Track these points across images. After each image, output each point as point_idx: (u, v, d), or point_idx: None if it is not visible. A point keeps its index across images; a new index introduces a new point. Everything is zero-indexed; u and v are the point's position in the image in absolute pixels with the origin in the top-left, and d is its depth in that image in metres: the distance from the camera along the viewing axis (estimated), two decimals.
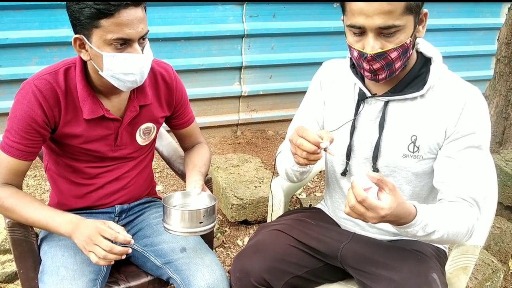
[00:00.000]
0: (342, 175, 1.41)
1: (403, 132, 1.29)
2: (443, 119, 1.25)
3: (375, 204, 1.01)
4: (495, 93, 2.79)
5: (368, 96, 1.31)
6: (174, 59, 3.27)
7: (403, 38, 1.15)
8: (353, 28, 1.16)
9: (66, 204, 1.47)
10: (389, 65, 1.18)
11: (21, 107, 1.26)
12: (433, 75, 1.26)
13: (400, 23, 1.13)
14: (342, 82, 1.40)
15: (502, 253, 2.33)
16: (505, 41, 2.71)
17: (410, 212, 1.08)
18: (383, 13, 1.10)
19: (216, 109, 3.67)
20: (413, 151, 1.28)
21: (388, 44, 1.15)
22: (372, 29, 1.13)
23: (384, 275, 1.29)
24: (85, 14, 1.16)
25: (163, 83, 1.47)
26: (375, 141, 1.32)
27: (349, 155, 1.37)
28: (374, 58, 1.16)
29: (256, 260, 1.37)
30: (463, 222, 1.19)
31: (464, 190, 1.23)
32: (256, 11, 3.43)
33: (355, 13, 1.14)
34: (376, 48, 1.15)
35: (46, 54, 3.04)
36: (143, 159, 1.54)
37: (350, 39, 1.20)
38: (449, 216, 1.17)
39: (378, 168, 1.33)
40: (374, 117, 1.32)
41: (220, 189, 2.65)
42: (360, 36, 1.17)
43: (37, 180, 2.99)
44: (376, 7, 1.10)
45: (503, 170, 2.43)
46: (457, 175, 1.23)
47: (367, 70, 1.20)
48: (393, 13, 1.11)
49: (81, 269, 1.32)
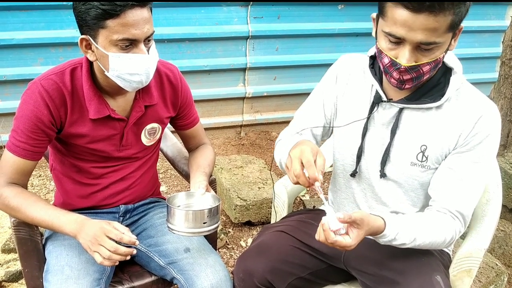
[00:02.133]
0: (352, 176, 1.40)
1: (414, 140, 1.28)
2: (455, 131, 1.23)
3: (344, 244, 1.12)
4: (500, 96, 2.79)
5: (384, 100, 1.30)
6: (178, 60, 3.29)
7: (438, 54, 1.13)
8: (391, 37, 1.12)
9: (71, 204, 1.48)
10: (419, 77, 1.16)
11: (28, 107, 1.27)
12: (452, 87, 1.23)
13: (441, 40, 1.10)
14: (359, 80, 1.37)
15: (506, 256, 2.33)
16: (510, 43, 2.70)
17: (379, 227, 1.17)
18: (427, 29, 1.06)
19: (220, 110, 3.68)
20: (421, 160, 1.28)
21: (423, 58, 1.12)
22: (412, 42, 1.09)
23: (388, 277, 1.29)
24: (91, 14, 1.16)
25: (169, 84, 1.47)
26: (386, 146, 1.31)
27: (359, 157, 1.36)
28: (407, 70, 1.13)
29: (259, 261, 1.37)
30: (439, 233, 1.23)
31: (454, 203, 1.25)
32: (261, 12, 3.44)
33: (398, 22, 1.08)
34: (411, 61, 1.12)
35: (52, 54, 3.06)
36: (148, 159, 1.55)
37: (383, 45, 1.15)
38: (424, 227, 1.23)
39: (385, 173, 1.33)
40: (387, 122, 1.31)
41: (224, 190, 2.66)
42: (396, 45, 1.13)
43: (41, 180, 3.00)
44: (422, 22, 1.05)
45: (507, 173, 2.43)
46: (452, 188, 1.24)
47: (396, 79, 1.18)
48: (437, 30, 1.07)
49: (86, 268, 1.33)
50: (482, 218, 1.46)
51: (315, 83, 1.49)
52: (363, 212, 1.13)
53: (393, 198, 1.35)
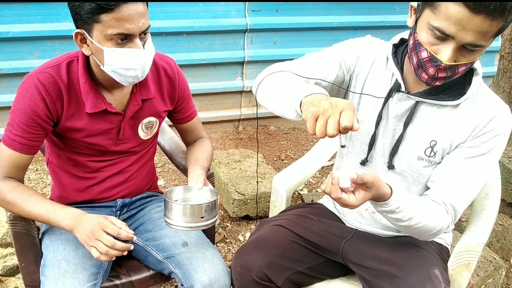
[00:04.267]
0: (362, 164, 1.38)
1: (424, 135, 1.27)
2: (467, 129, 1.23)
3: (347, 202, 1.08)
4: (499, 90, 2.79)
5: (402, 90, 1.26)
6: (176, 53, 3.27)
7: (477, 56, 1.10)
8: (438, 32, 1.06)
9: (67, 198, 1.47)
10: (452, 76, 1.14)
11: (24, 100, 1.26)
12: (473, 88, 1.22)
13: (487, 44, 1.07)
14: (381, 66, 1.32)
15: (504, 250, 2.33)
16: (509, 37, 2.70)
17: (385, 194, 1.13)
18: (480, 31, 1.02)
19: (218, 104, 3.66)
20: (429, 155, 1.27)
21: (462, 59, 1.09)
22: (460, 42, 1.05)
23: (386, 270, 1.29)
24: (86, 9, 1.15)
25: (166, 77, 1.46)
26: (397, 138, 1.30)
27: (372, 145, 1.34)
28: (445, 69, 1.10)
29: (257, 255, 1.36)
30: (433, 220, 1.22)
31: (450, 196, 1.24)
32: (259, 5, 3.42)
33: (452, 19, 1.03)
34: (452, 60, 1.08)
35: (48, 47, 3.04)
36: (145, 153, 1.54)
37: (425, 38, 1.10)
38: (423, 210, 1.21)
39: (393, 165, 1.32)
40: (401, 114, 1.28)
41: (222, 184, 2.65)
42: (440, 40, 1.08)
43: (38, 174, 2.99)
44: (477, 23, 1.01)
45: (506, 167, 2.43)
46: (451, 181, 1.24)
47: (429, 75, 1.14)
48: (487, 34, 1.04)
49: (83, 262, 1.32)
50: (481, 212, 1.47)
51: None
52: (374, 175, 1.09)
53: None
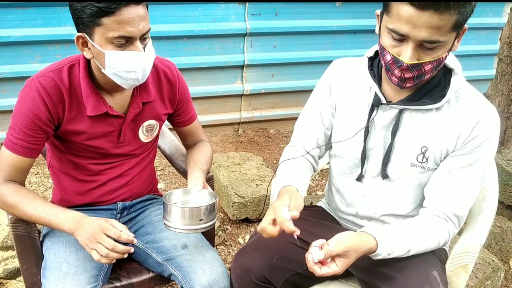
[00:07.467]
0: (358, 180, 1.39)
1: (414, 142, 1.28)
2: (455, 133, 1.24)
3: (332, 273, 1.15)
4: (497, 93, 2.80)
5: (383, 103, 1.29)
6: (176, 57, 3.28)
7: (441, 53, 1.12)
8: (394, 33, 1.11)
9: (68, 201, 1.48)
10: (420, 76, 1.16)
11: (25, 104, 1.27)
12: (453, 88, 1.23)
13: (445, 39, 1.09)
14: (355, 85, 1.36)
15: (503, 252, 2.34)
16: (507, 40, 2.71)
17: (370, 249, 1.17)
18: (431, 27, 1.06)
19: (218, 108, 3.68)
20: (421, 161, 1.28)
21: (425, 57, 1.12)
22: (415, 40, 1.09)
23: (385, 272, 1.30)
24: (87, 12, 1.16)
25: (166, 81, 1.47)
26: (387, 147, 1.31)
27: (363, 160, 1.36)
28: (409, 68, 1.13)
29: (256, 258, 1.37)
30: (432, 239, 1.26)
31: (450, 206, 1.26)
32: (259, 9, 3.44)
33: (402, 19, 1.08)
34: (414, 59, 1.12)
35: (49, 52, 3.06)
36: (145, 156, 1.55)
37: (387, 42, 1.15)
38: (417, 236, 1.24)
39: (387, 174, 1.33)
40: (387, 124, 1.30)
41: (222, 187, 2.66)
42: (399, 42, 1.12)
43: (39, 178, 3.00)
44: (426, 19, 1.05)
45: (504, 169, 2.43)
46: (449, 191, 1.25)
47: (397, 77, 1.17)
48: (441, 29, 1.07)
49: (83, 265, 1.33)
50: (479, 214, 1.47)
51: (313, 80, 1.49)
52: (348, 241, 1.14)
53: (393, 198, 1.36)
